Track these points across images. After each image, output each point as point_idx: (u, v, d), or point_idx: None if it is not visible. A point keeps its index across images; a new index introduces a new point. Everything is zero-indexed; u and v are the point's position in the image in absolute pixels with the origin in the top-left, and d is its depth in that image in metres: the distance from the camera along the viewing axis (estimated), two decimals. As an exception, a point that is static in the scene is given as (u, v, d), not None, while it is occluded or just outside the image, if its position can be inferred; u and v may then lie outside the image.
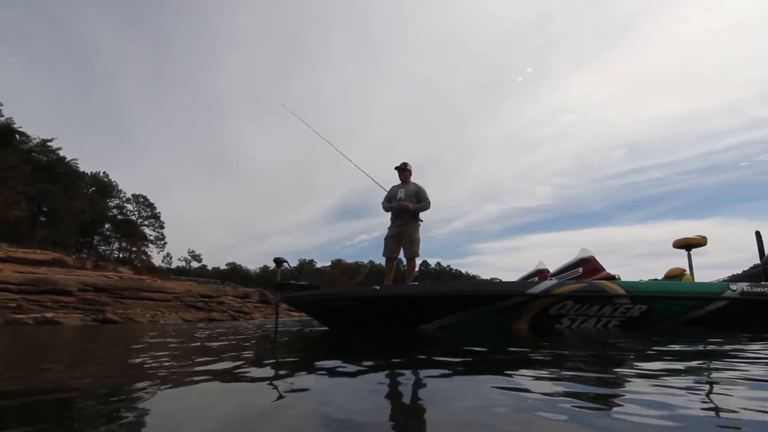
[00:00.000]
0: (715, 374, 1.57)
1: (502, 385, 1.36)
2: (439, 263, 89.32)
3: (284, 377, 1.68)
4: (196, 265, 63.65)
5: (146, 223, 49.19)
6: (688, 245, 5.35)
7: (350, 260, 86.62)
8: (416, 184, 5.56)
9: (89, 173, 43.84)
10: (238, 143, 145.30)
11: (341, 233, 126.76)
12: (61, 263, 23.96)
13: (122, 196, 47.40)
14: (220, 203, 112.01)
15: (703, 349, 2.48)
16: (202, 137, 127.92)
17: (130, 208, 48.02)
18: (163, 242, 50.59)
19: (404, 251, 5.33)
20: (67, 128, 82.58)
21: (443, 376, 1.59)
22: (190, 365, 2.06)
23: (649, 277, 5.47)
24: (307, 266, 79.52)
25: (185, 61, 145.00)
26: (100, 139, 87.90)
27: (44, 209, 35.75)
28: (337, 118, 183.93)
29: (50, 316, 13.98)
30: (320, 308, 4.91)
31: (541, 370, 1.72)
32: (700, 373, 1.62)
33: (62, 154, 38.06)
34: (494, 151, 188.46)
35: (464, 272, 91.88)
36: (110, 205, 46.00)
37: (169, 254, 56.84)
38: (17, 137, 34.44)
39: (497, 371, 1.70)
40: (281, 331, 5.00)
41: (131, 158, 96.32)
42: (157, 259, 51.96)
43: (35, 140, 36.11)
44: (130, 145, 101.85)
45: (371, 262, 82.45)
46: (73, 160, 39.07)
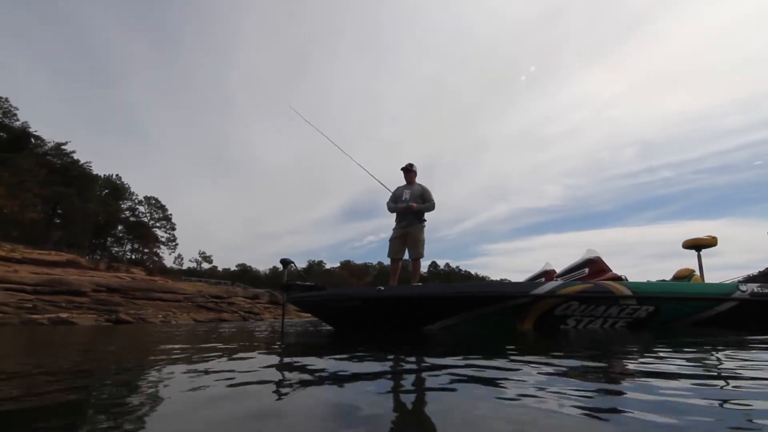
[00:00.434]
0: (724, 375, 1.55)
1: (505, 385, 1.36)
2: (448, 264, 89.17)
3: (288, 377, 1.69)
4: (206, 266, 64.39)
5: (158, 224, 49.89)
6: (697, 246, 5.29)
7: (359, 261, 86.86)
8: (421, 185, 5.56)
9: (102, 176, 44.63)
10: (248, 144, 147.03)
11: (350, 234, 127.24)
12: (75, 264, 24.39)
13: (134, 198, 48.20)
14: (230, 204, 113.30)
15: (711, 349, 2.43)
16: (212, 138, 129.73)
17: (142, 210, 48.80)
18: (174, 244, 51.28)
19: (409, 252, 5.34)
20: (79, 130, 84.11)
21: (447, 376, 1.58)
22: (196, 365, 2.09)
23: (659, 278, 5.39)
24: (316, 267, 79.82)
25: (195, 62, 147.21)
26: (111, 140, 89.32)
27: (59, 211, 36.45)
28: (346, 117, 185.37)
29: (65, 316, 14.24)
30: (326, 309, 4.93)
31: (546, 369, 1.71)
32: (709, 373, 1.60)
33: (76, 157, 38.87)
34: (503, 149, 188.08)
35: (473, 273, 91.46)
36: (123, 207, 46.73)
37: (180, 255, 57.65)
38: (32, 141, 35.18)
39: (501, 372, 1.68)
40: (288, 332, 5.04)
41: (143, 160, 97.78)
42: (168, 260, 52.61)
43: (50, 144, 36.91)
44: (141, 146, 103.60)
45: (380, 263, 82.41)
46: (86, 162, 39.88)
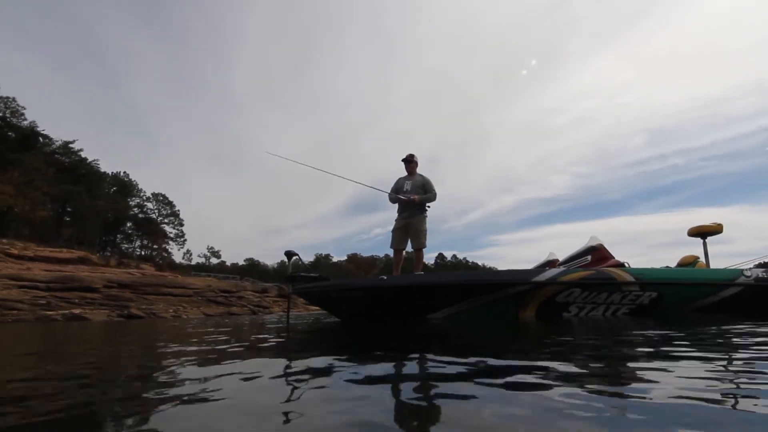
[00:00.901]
0: (730, 364, 1.53)
1: (508, 381, 1.34)
2: (455, 255, 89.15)
3: (293, 369, 1.69)
4: (215, 261, 65.04)
5: (166, 221, 50.34)
6: (703, 233, 5.30)
7: (366, 254, 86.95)
8: (422, 175, 5.57)
9: (110, 173, 45.09)
10: (253, 138, 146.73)
11: (356, 227, 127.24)
12: (86, 261, 24.71)
13: (142, 195, 48.62)
14: (237, 199, 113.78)
15: (717, 335, 2.41)
16: (218, 134, 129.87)
17: (150, 206, 49.26)
18: (182, 239, 51.76)
19: (412, 242, 5.37)
20: (86, 128, 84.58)
21: (451, 371, 1.53)
22: (203, 359, 2.11)
23: (667, 266, 5.37)
24: (323, 260, 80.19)
25: (200, 58, 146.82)
26: (118, 138, 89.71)
27: (68, 209, 36.92)
28: (351, 109, 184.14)
29: (78, 312, 14.51)
30: (330, 299, 4.99)
31: (550, 361, 1.69)
32: (715, 362, 1.56)
33: (84, 155, 39.21)
34: (510, 139, 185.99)
35: (481, 264, 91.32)
36: (131, 204, 47.21)
37: (189, 251, 58.17)
38: (40, 140, 35.51)
39: (505, 365, 1.67)
40: (294, 324, 5.10)
41: (150, 157, 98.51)
42: (177, 255, 53.15)
43: (58, 142, 37.24)
44: (148, 143, 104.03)
45: (387, 255, 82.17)
46: (94, 160, 40.22)
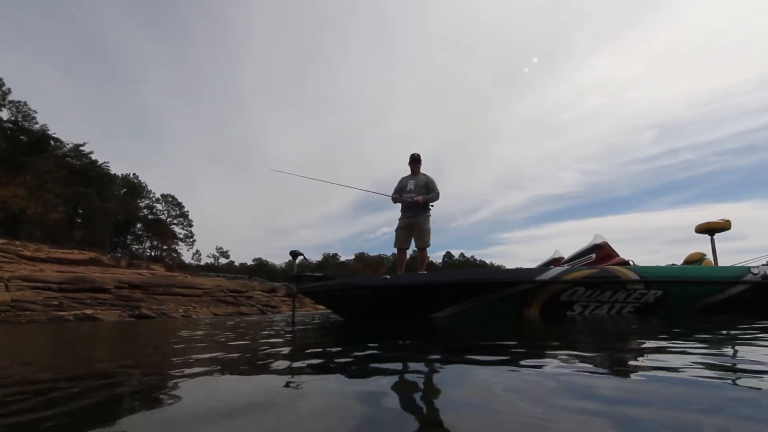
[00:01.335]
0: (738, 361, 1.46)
1: (511, 378, 1.28)
2: (463, 254, 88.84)
3: (297, 367, 1.67)
4: (224, 261, 65.55)
5: (175, 221, 50.87)
6: (711, 230, 5.22)
7: (373, 253, 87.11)
8: (425, 175, 5.56)
9: (120, 175, 45.58)
10: (260, 138, 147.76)
11: (363, 226, 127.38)
12: (97, 262, 25.00)
13: (152, 196, 49.19)
14: (245, 200, 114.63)
15: (725, 334, 2.35)
16: (224, 134, 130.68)
17: (159, 207, 49.81)
18: (192, 240, 52.28)
19: (415, 242, 5.37)
20: (95, 131, 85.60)
21: (454, 366, 1.53)
22: (209, 357, 2.08)
23: (677, 264, 5.31)
24: (331, 260, 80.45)
25: (206, 59, 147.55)
26: (127, 140, 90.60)
27: (80, 211, 37.40)
28: (357, 109, 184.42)
29: (90, 312, 14.65)
30: (334, 298, 5.00)
31: (554, 360, 1.63)
32: (723, 361, 1.51)
33: (94, 157, 39.69)
34: (517, 137, 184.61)
35: (489, 263, 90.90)
36: (141, 205, 47.75)
37: (198, 251, 58.69)
38: (52, 143, 36.02)
39: (508, 362, 1.60)
40: (299, 323, 5.11)
41: (158, 158, 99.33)
42: (186, 256, 53.73)
43: (69, 145, 37.76)
44: (156, 145, 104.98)
45: (394, 254, 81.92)
46: (104, 162, 40.70)
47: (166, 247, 50.50)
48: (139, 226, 47.78)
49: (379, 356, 1.88)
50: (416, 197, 5.29)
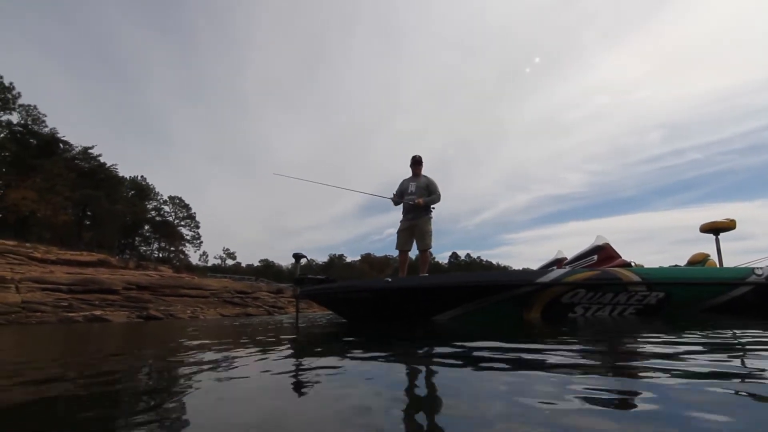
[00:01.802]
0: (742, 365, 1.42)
1: (512, 380, 1.28)
2: (469, 254, 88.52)
3: (297, 372, 1.65)
4: (230, 262, 65.83)
5: (183, 223, 51.26)
6: (715, 229, 5.16)
7: (379, 254, 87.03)
8: (427, 177, 5.55)
9: (128, 177, 46.02)
10: (266, 140, 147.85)
11: (369, 227, 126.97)
12: (106, 264, 25.24)
13: (159, 198, 49.59)
14: (251, 201, 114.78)
15: (730, 336, 2.30)
16: (231, 136, 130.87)
17: (167, 209, 50.20)
18: (199, 241, 52.62)
19: (417, 244, 5.37)
20: (103, 133, 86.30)
21: (457, 369, 1.52)
22: (209, 358, 2.09)
23: (677, 265, 5.27)
24: (337, 261, 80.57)
25: (212, 60, 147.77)
26: (135, 142, 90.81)
27: (89, 213, 37.82)
28: (363, 109, 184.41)
29: (98, 313, 14.81)
30: (336, 301, 5.02)
31: (557, 361, 1.61)
32: (727, 364, 1.47)
33: (102, 160, 40.10)
34: (523, 137, 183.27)
35: (495, 263, 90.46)
36: (148, 207, 48.16)
37: (205, 253, 58.94)
38: (61, 146, 36.46)
39: (510, 365, 1.59)
40: (303, 325, 5.12)
41: (165, 160, 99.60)
42: (194, 257, 54.01)
43: (77, 148, 38.15)
44: (163, 147, 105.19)
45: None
46: (112, 165, 41.07)
47: (173, 248, 50.89)
48: (146, 227, 48.19)
49: (379, 357, 1.89)
50: (417, 199, 5.29)
